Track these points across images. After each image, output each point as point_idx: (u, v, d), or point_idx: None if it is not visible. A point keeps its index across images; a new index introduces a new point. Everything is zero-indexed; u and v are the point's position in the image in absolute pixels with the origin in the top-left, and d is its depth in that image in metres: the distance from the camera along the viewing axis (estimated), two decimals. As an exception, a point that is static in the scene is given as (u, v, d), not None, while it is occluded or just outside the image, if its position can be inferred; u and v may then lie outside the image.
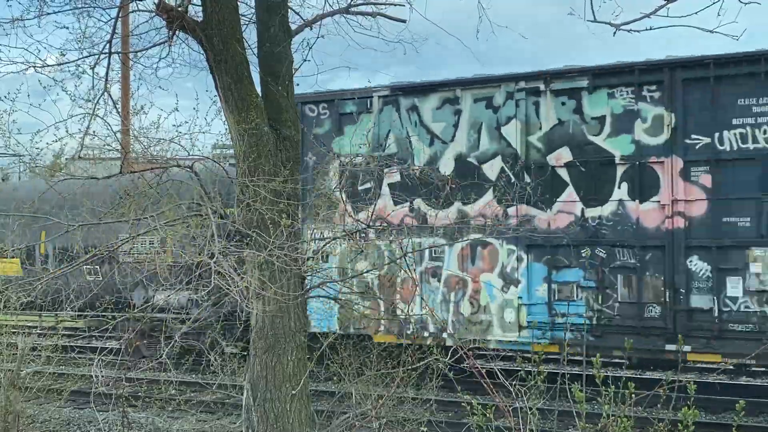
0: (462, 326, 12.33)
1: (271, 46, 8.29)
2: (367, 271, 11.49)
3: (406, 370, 8.98)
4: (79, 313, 15.21)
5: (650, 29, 5.81)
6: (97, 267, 14.34)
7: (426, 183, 11.71)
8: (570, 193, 11.76)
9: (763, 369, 14.14)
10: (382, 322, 12.50)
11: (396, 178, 12.56)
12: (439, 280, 12.59)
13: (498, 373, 7.05)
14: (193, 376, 13.60)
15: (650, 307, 11.24)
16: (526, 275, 12.02)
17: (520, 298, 12.01)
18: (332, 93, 13.13)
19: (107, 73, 8.63)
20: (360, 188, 12.57)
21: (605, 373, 6.09)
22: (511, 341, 12.03)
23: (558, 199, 11.83)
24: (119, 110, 9.19)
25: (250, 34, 8.64)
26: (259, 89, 8.24)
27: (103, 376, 8.97)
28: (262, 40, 8.40)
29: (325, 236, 8.57)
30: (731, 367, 12.37)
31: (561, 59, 61.85)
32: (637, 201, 11.31)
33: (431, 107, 12.75)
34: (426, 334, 12.31)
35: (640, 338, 11.11)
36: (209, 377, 11.51)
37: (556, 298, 11.75)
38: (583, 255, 11.48)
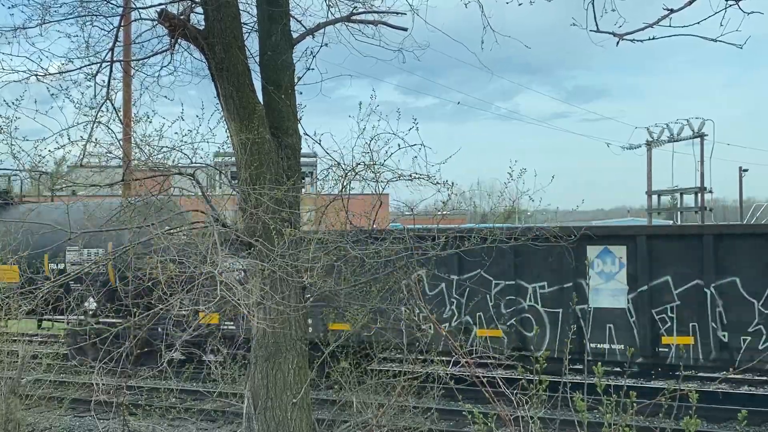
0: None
1: (272, 55, 8.31)
2: (368, 280, 11.46)
3: (407, 378, 8.97)
4: (82, 318, 15.24)
5: (653, 39, 5.78)
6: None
7: None
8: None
9: (765, 378, 14.11)
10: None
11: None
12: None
13: (499, 381, 7.03)
14: (194, 384, 13.56)
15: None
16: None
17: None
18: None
19: (109, 82, 8.65)
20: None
21: (606, 382, 6.07)
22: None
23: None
24: (121, 118, 9.18)
25: (252, 43, 8.67)
26: (261, 97, 8.25)
27: (103, 384, 8.94)
28: (264, 48, 8.41)
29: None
30: (734, 375, 12.33)
31: (566, 61, 61.79)
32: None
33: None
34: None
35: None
36: (210, 385, 11.49)
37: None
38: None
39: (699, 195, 31.03)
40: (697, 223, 27.52)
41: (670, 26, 5.58)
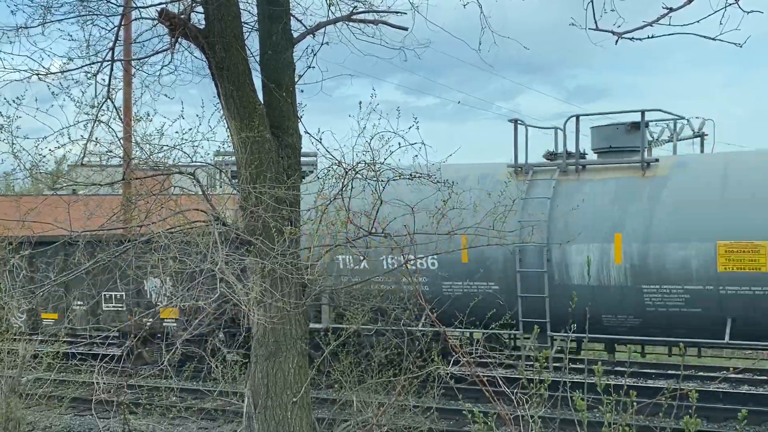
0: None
1: (273, 54, 8.31)
2: (367, 279, 11.48)
3: (407, 378, 8.97)
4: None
5: (652, 37, 5.77)
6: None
7: None
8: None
9: (765, 378, 14.13)
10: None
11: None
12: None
13: (499, 380, 7.04)
14: (194, 383, 13.57)
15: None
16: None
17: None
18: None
19: (109, 81, 8.65)
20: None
21: (607, 381, 6.07)
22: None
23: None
24: (122, 117, 9.18)
25: (253, 42, 8.66)
26: (261, 96, 8.25)
27: (104, 383, 8.95)
28: (264, 47, 8.41)
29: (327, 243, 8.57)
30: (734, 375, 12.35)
31: (568, 60, 61.91)
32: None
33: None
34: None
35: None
36: (210, 384, 11.50)
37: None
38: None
39: (699, 195, 30.97)
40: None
41: (669, 25, 5.57)
